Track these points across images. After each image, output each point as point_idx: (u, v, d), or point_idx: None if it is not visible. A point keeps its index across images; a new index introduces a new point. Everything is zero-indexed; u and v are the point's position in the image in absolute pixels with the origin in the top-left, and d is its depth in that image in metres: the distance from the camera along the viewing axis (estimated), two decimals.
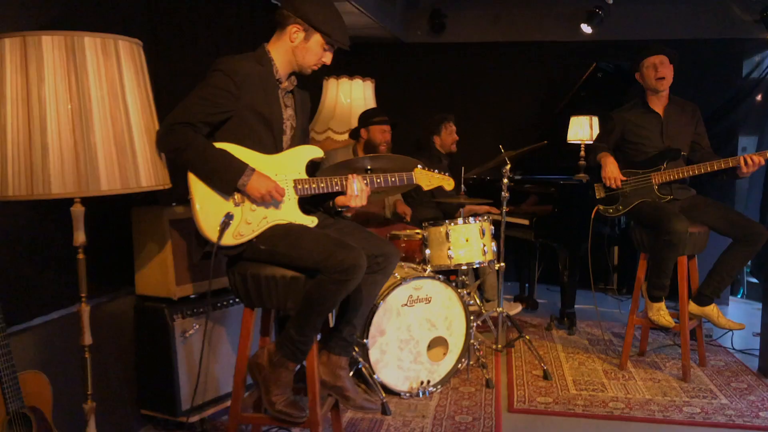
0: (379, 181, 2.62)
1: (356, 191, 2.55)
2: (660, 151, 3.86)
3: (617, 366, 4.04)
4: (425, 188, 2.73)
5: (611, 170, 3.86)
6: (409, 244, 3.98)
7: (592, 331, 4.81)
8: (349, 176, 2.56)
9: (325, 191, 2.55)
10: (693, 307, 3.83)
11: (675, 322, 3.79)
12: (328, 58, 2.58)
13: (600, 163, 3.94)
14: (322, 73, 5.19)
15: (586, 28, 5.71)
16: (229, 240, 2.40)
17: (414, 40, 6.34)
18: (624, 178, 3.86)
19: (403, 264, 3.81)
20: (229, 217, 2.38)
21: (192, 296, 3.03)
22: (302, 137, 2.69)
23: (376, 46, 6.31)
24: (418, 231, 3.95)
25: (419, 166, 2.71)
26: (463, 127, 5.20)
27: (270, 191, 2.40)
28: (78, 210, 2.26)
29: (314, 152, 2.59)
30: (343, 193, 2.58)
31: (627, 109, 4.03)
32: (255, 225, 2.44)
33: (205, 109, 2.37)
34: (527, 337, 4.10)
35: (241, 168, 2.36)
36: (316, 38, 2.50)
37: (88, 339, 2.33)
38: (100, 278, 2.86)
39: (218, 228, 2.37)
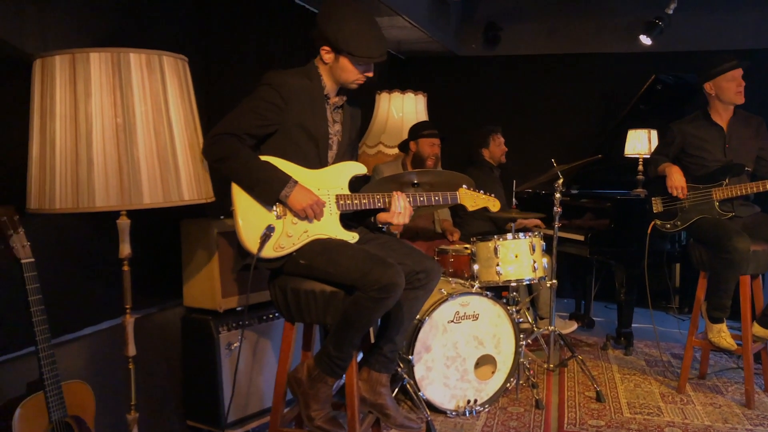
0: (422, 199, 2.58)
1: (400, 209, 2.52)
2: (722, 165, 3.69)
3: (675, 389, 3.87)
4: (470, 209, 2.65)
5: (677, 179, 3.69)
6: (457, 260, 3.93)
7: (650, 351, 4.63)
8: (394, 193, 2.53)
9: (367, 208, 2.53)
10: (757, 329, 3.63)
11: (737, 344, 3.61)
12: (369, 71, 2.52)
13: (661, 174, 3.79)
14: (374, 87, 5.20)
15: (645, 40, 5.53)
16: (269, 252, 2.40)
17: (468, 53, 6.29)
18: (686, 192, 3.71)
19: (450, 279, 3.75)
20: (270, 229, 2.38)
21: (238, 308, 3.05)
22: (349, 153, 2.67)
23: (429, 60, 6.29)
24: (466, 246, 3.89)
25: (464, 186, 2.65)
26: (518, 140, 5.12)
27: (311, 204, 2.39)
28: (124, 222, 2.31)
29: (358, 168, 2.57)
30: (384, 209, 2.55)
31: (688, 121, 3.87)
32: (295, 238, 2.43)
33: (251, 121, 2.38)
34: (579, 357, 3.97)
35: (284, 180, 2.37)
36: (345, 58, 2.45)
37: (132, 350, 2.36)
38: (150, 289, 2.91)
39: (258, 240, 2.38)
